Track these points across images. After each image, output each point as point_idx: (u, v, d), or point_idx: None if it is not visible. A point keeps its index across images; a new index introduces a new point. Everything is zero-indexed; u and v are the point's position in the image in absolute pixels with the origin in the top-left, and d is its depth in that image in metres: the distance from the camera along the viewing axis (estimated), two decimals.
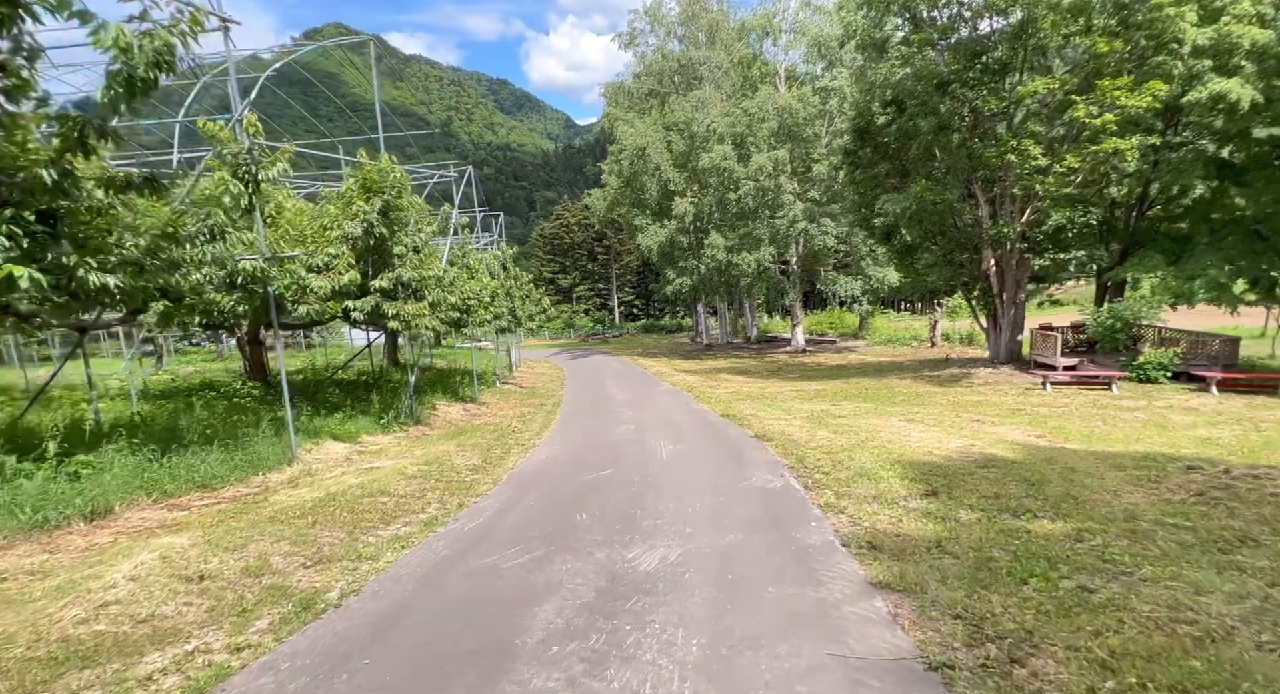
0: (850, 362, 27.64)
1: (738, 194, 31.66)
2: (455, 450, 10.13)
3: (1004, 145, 16.27)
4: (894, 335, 35.98)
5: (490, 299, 18.50)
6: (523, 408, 16.86)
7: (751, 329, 42.88)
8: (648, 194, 37.26)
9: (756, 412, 13.77)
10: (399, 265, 11.84)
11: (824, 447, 9.39)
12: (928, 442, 9.62)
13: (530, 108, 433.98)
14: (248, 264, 7.86)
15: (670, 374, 24.67)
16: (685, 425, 12.31)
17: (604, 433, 11.81)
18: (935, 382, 18.56)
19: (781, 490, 7.01)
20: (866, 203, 21.81)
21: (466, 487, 7.62)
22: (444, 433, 12.69)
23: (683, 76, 39.31)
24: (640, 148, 35.10)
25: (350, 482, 7.76)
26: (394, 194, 11.50)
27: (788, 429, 11.14)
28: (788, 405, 14.78)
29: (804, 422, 12.10)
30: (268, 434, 9.37)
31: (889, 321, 47.22)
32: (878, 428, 11.04)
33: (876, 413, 13.07)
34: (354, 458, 9.62)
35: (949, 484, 7.05)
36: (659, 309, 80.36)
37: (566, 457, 9.50)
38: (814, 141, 31.79)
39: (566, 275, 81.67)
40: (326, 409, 12.79)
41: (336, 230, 10.83)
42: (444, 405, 16.08)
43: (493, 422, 14.64)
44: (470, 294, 15.64)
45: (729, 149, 31.78)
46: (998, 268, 19.70)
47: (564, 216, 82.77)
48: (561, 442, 11.05)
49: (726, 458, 8.90)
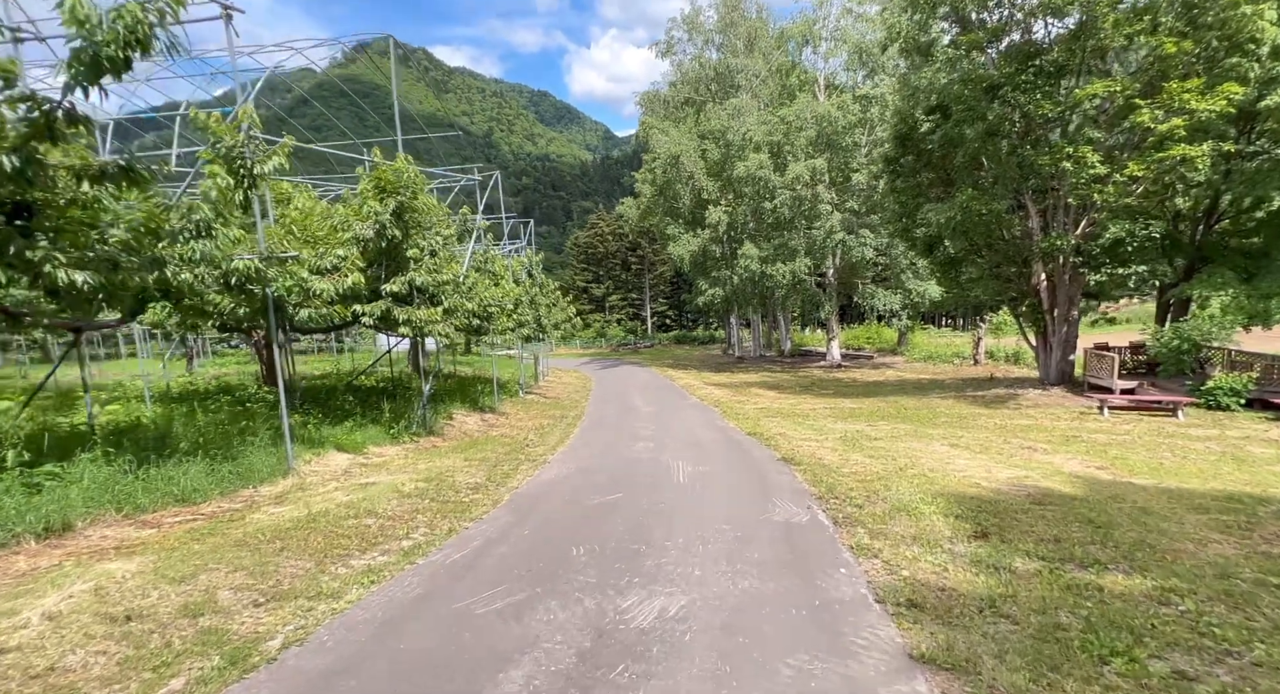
0: (888, 378, 26.49)
1: (773, 203, 30.84)
2: (461, 466, 9.53)
3: (1059, 152, 15.22)
4: (934, 352, 34.57)
5: (513, 306, 18.00)
6: (542, 419, 16.27)
7: (785, 342, 41.80)
8: (681, 203, 36.63)
9: (786, 430, 12.94)
10: (413, 269, 11.36)
11: (858, 473, 8.55)
12: (974, 471, 8.71)
13: (570, 119, 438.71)
14: (241, 263, 7.40)
15: (698, 387, 23.89)
16: (708, 444, 11.54)
17: (621, 449, 11.12)
18: (980, 402, 17.44)
19: (808, 526, 6.21)
20: (908, 213, 20.84)
21: (462, 509, 6.99)
22: (455, 445, 12.14)
23: (719, 85, 38.70)
24: (674, 155, 34.51)
25: (340, 499, 7.20)
26: (409, 195, 11.04)
27: (818, 452, 10.30)
28: (820, 424, 13.90)
29: (837, 443, 11.24)
30: (265, 443, 8.90)
31: (929, 337, 45.68)
32: (918, 453, 10.13)
33: (916, 435, 12.13)
34: (354, 471, 9.10)
35: (1001, 524, 6.18)
36: (691, 320, 79.52)
37: (577, 476, 8.82)
38: (853, 150, 30.82)
39: (600, 285, 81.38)
40: (337, 417, 12.36)
41: (347, 231, 10.39)
42: (461, 415, 15.58)
43: (509, 433, 14.06)
44: (491, 300, 15.14)
45: (765, 157, 31.00)
46: (1049, 283, 18.54)
47: (598, 226, 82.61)
48: (575, 458, 10.39)
49: (749, 483, 8.12)
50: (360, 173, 10.85)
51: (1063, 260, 17.76)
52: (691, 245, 35.51)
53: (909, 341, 38.76)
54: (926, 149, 19.65)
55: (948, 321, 71.73)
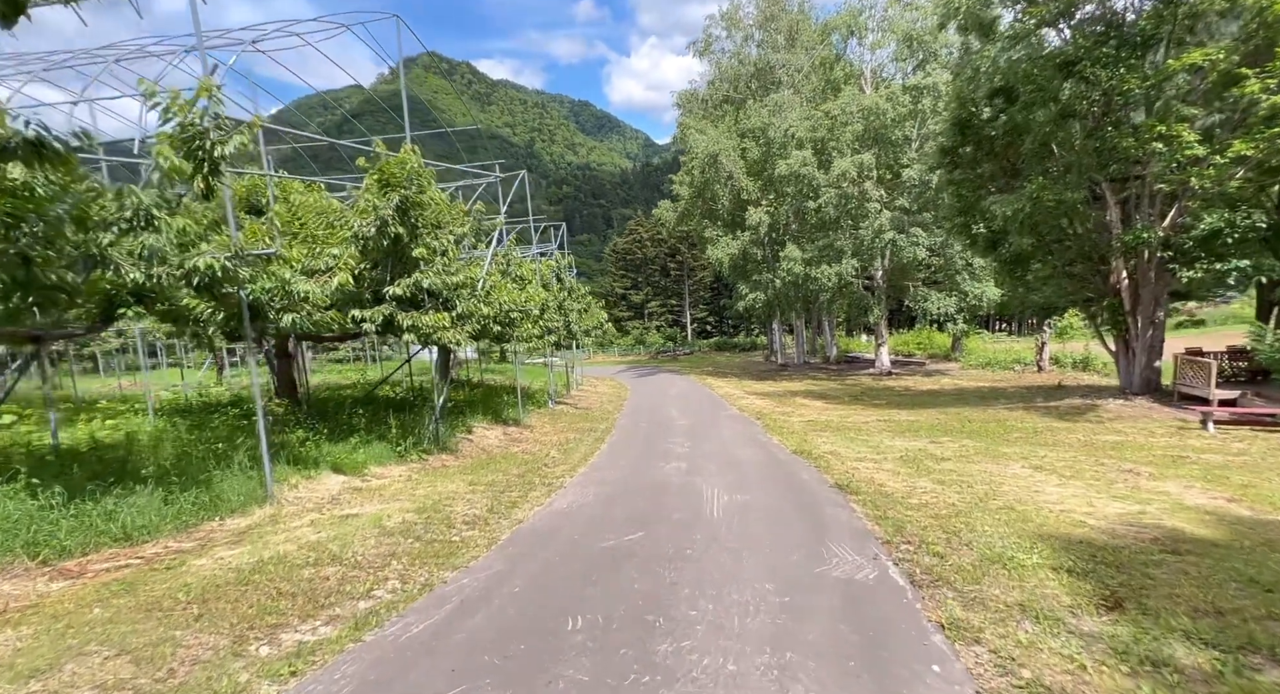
0: (944, 387, 24.58)
1: (817, 203, 29.23)
2: (465, 491, 8.38)
3: (1148, 132, 13.42)
4: (992, 358, 32.35)
5: (539, 312, 16.92)
6: (569, 433, 15.09)
7: (830, 348, 39.93)
8: (719, 204, 35.23)
9: (837, 448, 11.47)
10: (419, 271, 10.31)
11: (930, 507, 7.09)
12: (1073, 503, 7.16)
13: (610, 128, 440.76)
14: (203, 261, 6.39)
15: (739, 397, 22.44)
16: (748, 465, 10.17)
17: (650, 471, 9.83)
18: (1054, 414, 15.61)
19: (876, 586, 4.82)
20: (967, 207, 19.10)
21: (449, 552, 5.80)
22: (468, 464, 11.03)
23: (759, 81, 37.26)
24: (712, 154, 33.16)
25: (308, 538, 6.10)
26: (414, 189, 10.00)
27: (877, 476, 8.84)
28: (875, 441, 12.38)
29: (898, 465, 9.75)
30: (246, 467, 7.90)
31: (985, 343, 43.19)
32: (997, 478, 8.59)
33: (990, 455, 10.53)
34: (344, 497, 8.03)
35: (1133, 584, 4.70)
36: (732, 326, 77.77)
37: (594, 505, 7.57)
38: (903, 145, 29.04)
39: (639, 291, 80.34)
40: (344, 432, 11.40)
41: (345, 229, 9.39)
42: (482, 429, 14.52)
43: (530, 450, 12.92)
44: (513, 305, 14.07)
45: (808, 154, 29.44)
46: (1130, 281, 16.61)
47: (637, 231, 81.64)
48: (596, 481, 9.14)
49: (797, 520, 6.74)
50: (362, 164, 9.85)
51: (1148, 255, 15.85)
52: (731, 248, 34.06)
53: (964, 347, 36.48)
54: (988, 136, 17.93)
55: (1003, 326, 68.45)
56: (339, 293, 9.74)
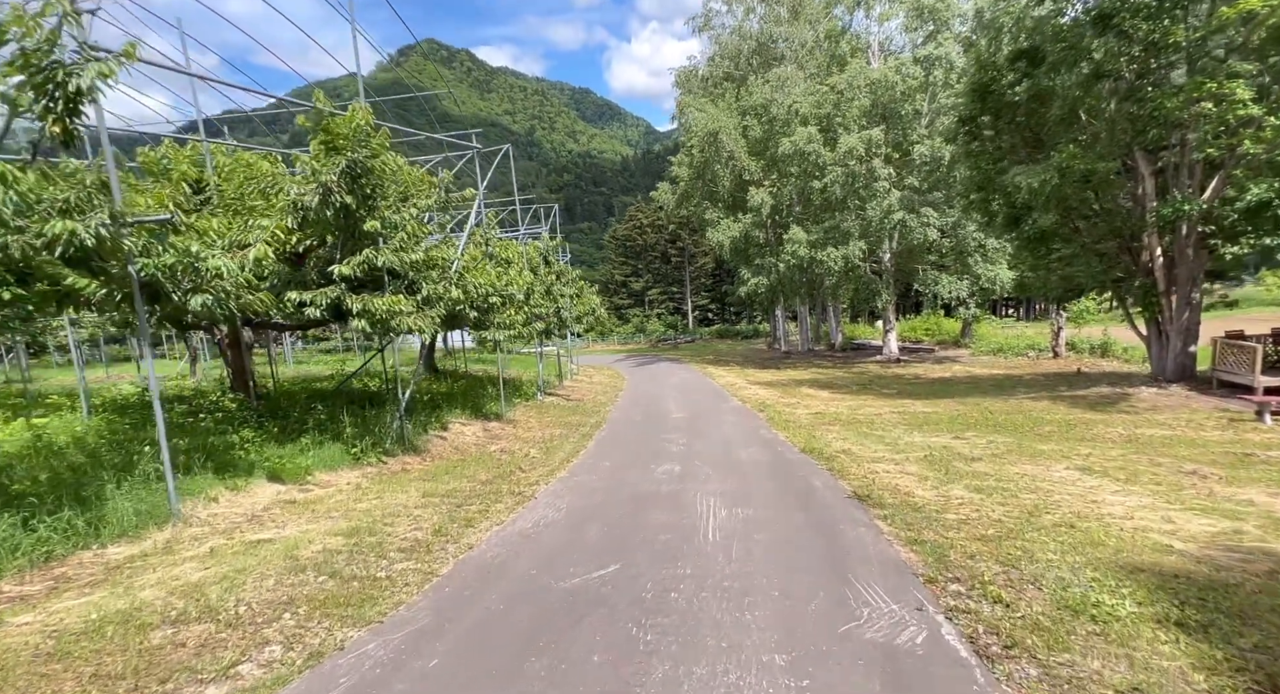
0: (956, 374, 23.25)
1: (823, 182, 27.76)
2: (416, 504, 7.10)
3: (1197, 90, 12.00)
4: (1004, 344, 30.98)
5: (524, 297, 15.58)
6: (555, 429, 13.82)
7: (835, 335, 38.55)
8: (720, 185, 33.73)
9: (850, 446, 10.17)
10: (376, 247, 8.99)
11: (971, 523, 5.80)
12: (1145, 517, 5.86)
13: (611, 116, 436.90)
14: (60, 227, 5.06)
15: (741, 386, 21.14)
16: (751, 468, 8.87)
17: (637, 476, 8.54)
18: (1083, 404, 14.29)
19: (928, 657, 3.52)
20: (985, 181, 17.69)
21: (366, 596, 4.51)
22: (433, 467, 9.75)
23: (761, 57, 35.66)
24: (712, 132, 31.62)
25: (190, 576, 4.81)
26: (365, 153, 8.66)
27: (902, 481, 7.55)
28: (892, 436, 11.07)
29: (923, 467, 8.45)
30: (155, 478, 6.62)
31: (995, 328, 41.80)
32: (1042, 483, 7.29)
33: (1025, 453, 9.23)
34: (267, 514, 6.75)
35: (1277, 648, 3.42)
36: (735, 314, 76.34)
37: (565, 524, 6.29)
38: (913, 120, 27.50)
39: (639, 278, 78.86)
40: (296, 432, 10.13)
41: (279, 196, 8.07)
42: (460, 424, 13.25)
43: (510, 448, 11.65)
44: (491, 288, 12.74)
45: (813, 131, 27.92)
46: (1165, 259, 15.24)
47: (637, 217, 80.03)
48: (575, 489, 7.87)
49: (811, 545, 5.44)
50: (302, 123, 8.49)
51: (1185, 230, 14.48)
52: (732, 231, 32.60)
53: (974, 333, 35.09)
54: (1010, 103, 16.47)
55: (1011, 311, 67.00)
56: (274, 273, 8.45)
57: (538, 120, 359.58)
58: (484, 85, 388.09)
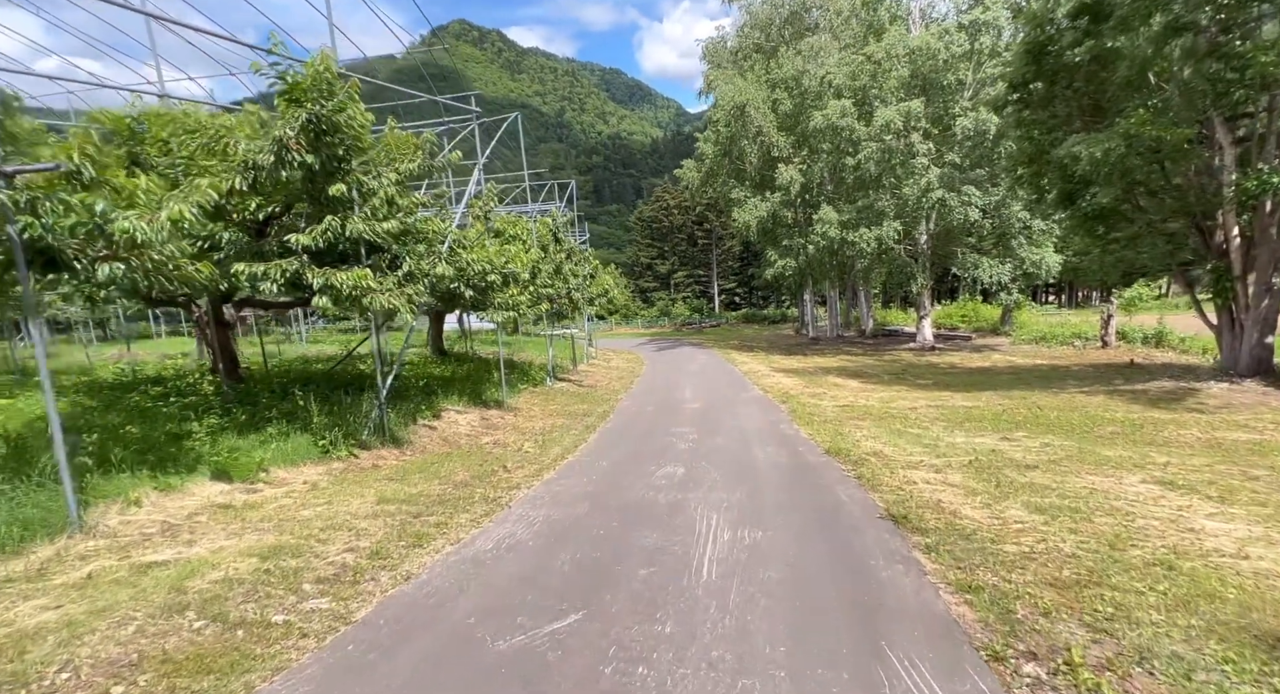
0: (996, 364, 21.70)
1: (856, 159, 26.15)
2: (368, 512, 6.08)
3: None
4: (1047, 332, 29.09)
5: (530, 275, 14.51)
6: (558, 419, 12.79)
7: (866, 321, 36.90)
8: (747, 163, 32.17)
9: (882, 447, 8.95)
10: (348, 215, 7.95)
11: (1038, 558, 4.60)
12: (1266, 555, 4.58)
13: (641, 97, 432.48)
14: None
15: (764, 374, 19.89)
16: (766, 473, 7.71)
17: (635, 481, 7.45)
18: (1144, 400, 12.83)
19: None
20: (1038, 153, 16.06)
21: (241, 658, 3.43)
22: (408, 463, 8.76)
23: (794, 27, 33.86)
24: (739, 105, 30.04)
25: (26, 621, 3.77)
26: (330, 107, 7.59)
27: (945, 496, 6.33)
28: (930, 435, 9.81)
29: (969, 475, 7.20)
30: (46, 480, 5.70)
31: (1037, 315, 39.69)
32: (1118, 502, 6.01)
33: (1089, 460, 7.91)
34: (185, 525, 5.78)
35: None
36: (762, 298, 74.60)
37: (533, 546, 5.22)
38: (956, 92, 25.66)
39: (665, 261, 77.42)
40: (264, 420, 9.23)
41: (223, 154, 7.05)
42: (456, 413, 12.29)
43: (503, 441, 10.64)
44: (489, 265, 11.69)
45: (848, 104, 26.28)
46: (1243, 240, 13.61)
47: (663, 199, 78.42)
48: (558, 496, 6.81)
49: (834, 591, 4.28)
50: (256, 68, 7.43)
51: (1270, 207, 12.85)
52: (759, 211, 31.09)
53: (1014, 320, 33.17)
54: (1068, 66, 14.82)
55: (1051, 298, 64.26)
56: (232, 243, 7.46)
57: (568, 101, 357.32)
58: (514, 66, 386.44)
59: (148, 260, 6.00)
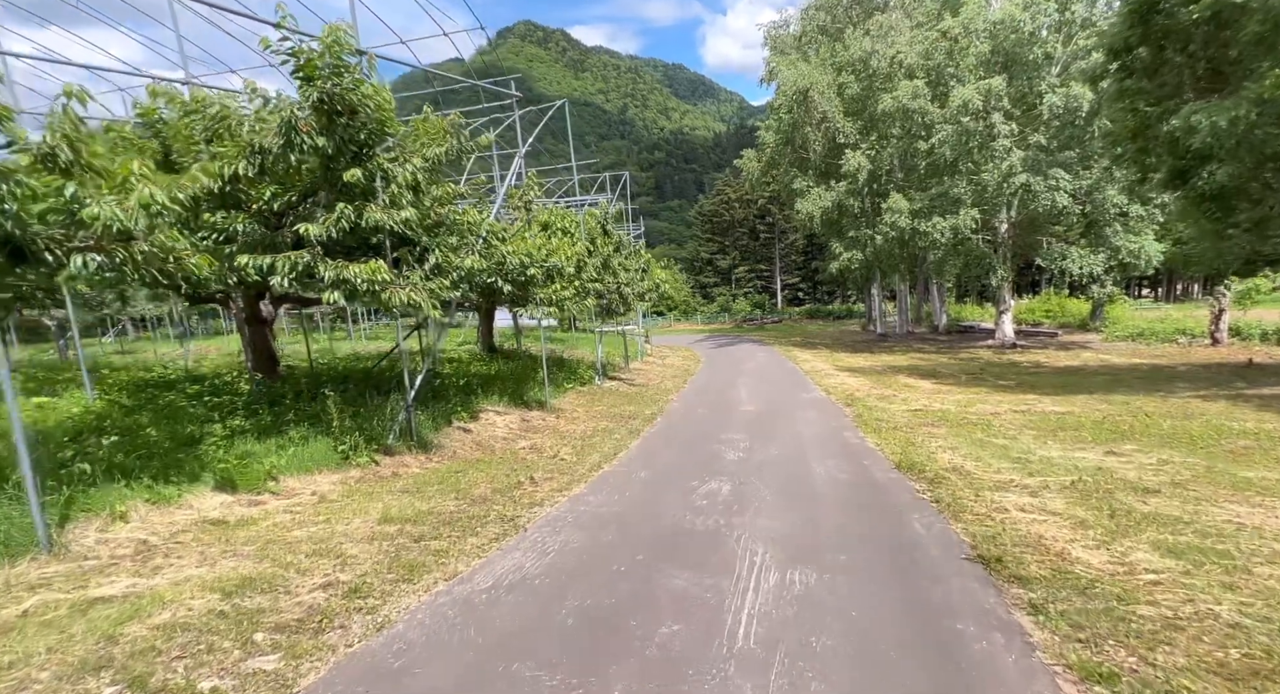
0: (1088, 364, 19.72)
1: (930, 143, 24.36)
2: (366, 534, 5.39)
3: None
4: (1146, 328, 26.54)
5: (575, 269, 13.76)
6: (602, 421, 11.99)
7: (939, 316, 34.74)
8: (810, 151, 30.60)
9: (963, 461, 7.75)
10: (358, 203, 7.32)
11: (1185, 627, 3.47)
12: None
13: (704, 92, 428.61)
14: None
15: (827, 373, 18.60)
16: (825, 493, 6.67)
17: (674, 499, 6.55)
18: (1276, 407, 11.07)
19: None
20: (1141, 127, 14.25)
21: None
22: (431, 471, 8.10)
23: (861, 7, 32.06)
24: (801, 90, 28.55)
25: None
26: (345, 84, 6.96)
27: (1047, 530, 5.16)
28: (1019, 447, 8.51)
29: (1073, 501, 5.97)
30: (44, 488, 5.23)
31: (1130, 310, 36.53)
32: (1277, 541, 4.74)
33: (1221, 482, 6.52)
34: (165, 545, 5.20)
35: None
36: (827, 293, 72.16)
37: (537, 587, 4.38)
38: (1043, 67, 23.50)
39: (725, 256, 75.84)
40: (287, 424, 8.76)
41: (227, 137, 6.50)
42: (495, 413, 11.65)
43: (541, 445, 9.90)
44: (528, 258, 10.97)
45: (920, 85, 24.52)
46: None
47: (724, 192, 76.80)
48: (584, 517, 5.97)
49: (911, 672, 3.29)
50: (266, 45, 6.86)
51: None
52: (824, 201, 29.53)
53: (1106, 315, 30.48)
54: (1181, 28, 13.01)
55: (1147, 290, 59.63)
56: (247, 233, 6.94)
57: (630, 98, 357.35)
58: (577, 65, 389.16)
59: (136, 252, 5.46)
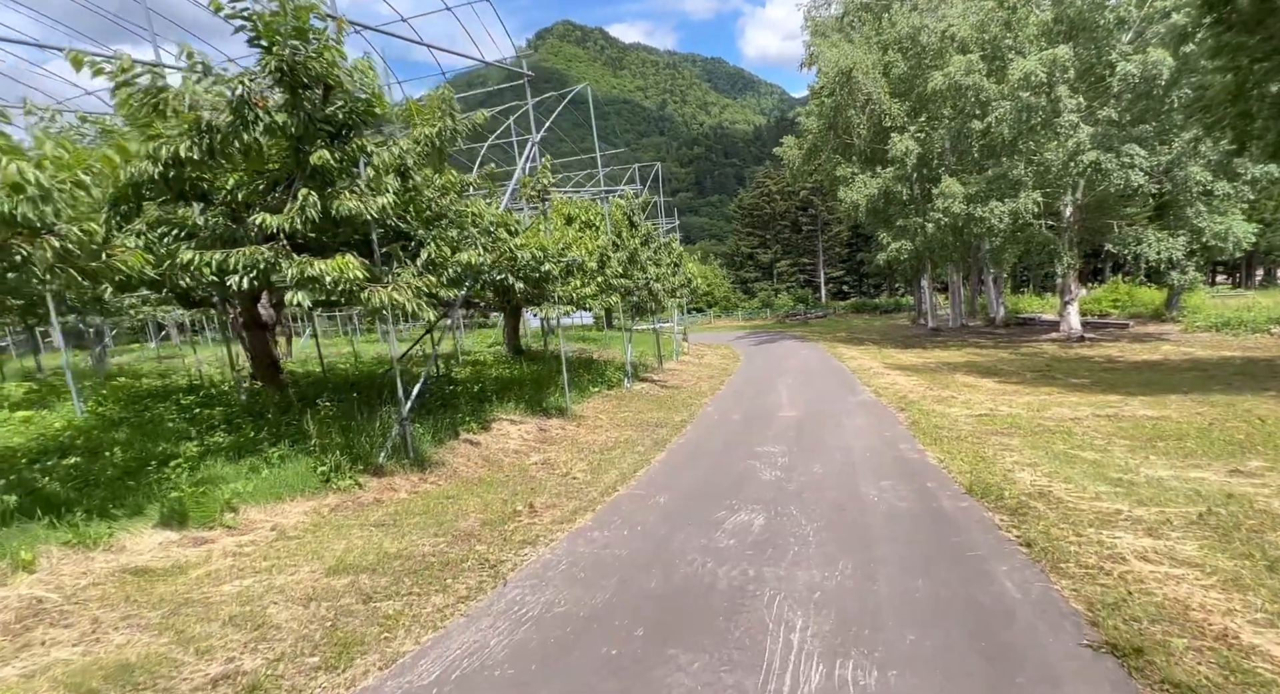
0: (1169, 357, 17.74)
1: (985, 122, 22.50)
2: (303, 594, 4.39)
3: None
4: (1231, 317, 24.11)
5: (597, 264, 12.69)
6: (627, 430, 10.89)
7: (997, 308, 32.56)
8: (854, 135, 28.89)
9: (1048, 482, 6.38)
10: (329, 191, 6.37)
11: None
12: None
13: (744, 85, 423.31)
14: None
15: (876, 373, 17.13)
16: (881, 526, 5.43)
17: (695, 531, 5.41)
18: None
19: None
20: (1241, 89, 12.46)
21: None
22: (417, 497, 7.09)
23: None
24: (844, 71, 26.88)
25: None
26: (308, 52, 6.01)
27: (1189, 593, 3.84)
28: (1113, 461, 7.07)
29: (1213, 547, 4.60)
30: None
31: (1208, 298, 33.66)
32: None
33: None
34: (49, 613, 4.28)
35: None
36: (874, 286, 69.65)
37: (503, 675, 3.34)
38: (1114, 33, 21.44)
39: (767, 250, 73.92)
40: (269, 440, 7.91)
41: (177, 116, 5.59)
42: (509, 422, 10.66)
43: (554, 460, 8.86)
44: (541, 253, 9.93)
45: (974, 59, 22.68)
46: None
47: (765, 184, 74.86)
48: (583, 560, 4.89)
49: None
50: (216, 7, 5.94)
51: None
52: (869, 188, 27.82)
53: (1184, 305, 27.95)
54: None
55: (1223, 277, 55.57)
56: (212, 225, 6.07)
57: (669, 94, 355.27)
58: (616, 63, 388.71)
59: (44, 247, 4.58)
